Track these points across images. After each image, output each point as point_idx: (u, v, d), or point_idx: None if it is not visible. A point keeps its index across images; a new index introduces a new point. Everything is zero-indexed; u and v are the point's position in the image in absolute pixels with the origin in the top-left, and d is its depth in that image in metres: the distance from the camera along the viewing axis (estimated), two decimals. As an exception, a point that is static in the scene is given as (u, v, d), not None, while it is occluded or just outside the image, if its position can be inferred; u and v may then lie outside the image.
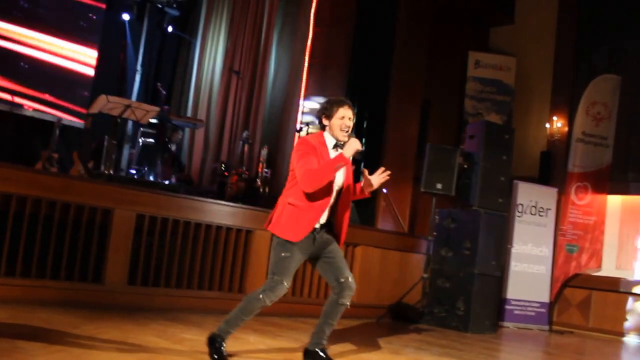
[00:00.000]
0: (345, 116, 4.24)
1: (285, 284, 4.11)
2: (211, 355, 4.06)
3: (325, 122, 4.29)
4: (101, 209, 5.86)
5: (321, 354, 4.30)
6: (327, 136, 4.31)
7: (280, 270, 4.12)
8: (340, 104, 4.27)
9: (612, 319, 9.37)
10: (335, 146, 4.28)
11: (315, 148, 4.19)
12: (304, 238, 4.13)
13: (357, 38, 11.17)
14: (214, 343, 4.08)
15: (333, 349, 4.45)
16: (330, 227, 4.33)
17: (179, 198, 6.45)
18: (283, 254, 4.13)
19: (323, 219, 4.24)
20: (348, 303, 4.28)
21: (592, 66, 10.44)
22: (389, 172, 4.33)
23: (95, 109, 7.93)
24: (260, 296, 4.07)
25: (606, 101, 9.82)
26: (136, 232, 6.09)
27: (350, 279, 4.25)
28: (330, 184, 4.17)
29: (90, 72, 10.65)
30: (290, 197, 4.20)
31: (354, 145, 4.11)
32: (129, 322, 5.13)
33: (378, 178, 4.30)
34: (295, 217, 4.14)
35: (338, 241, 4.35)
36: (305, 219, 4.15)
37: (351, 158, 4.25)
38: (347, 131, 4.26)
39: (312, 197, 4.14)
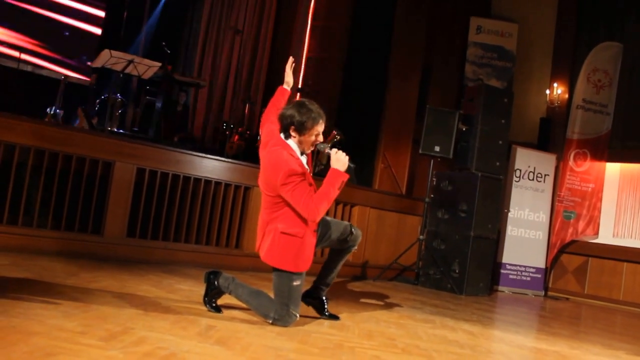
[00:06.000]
0: (319, 132, 3.95)
1: (298, 316, 3.94)
2: (206, 300, 4.07)
3: (293, 133, 3.93)
4: (102, 161, 5.92)
5: (322, 297, 4.41)
6: (294, 145, 3.96)
7: (295, 301, 3.89)
8: (316, 120, 3.91)
9: (608, 286, 9.44)
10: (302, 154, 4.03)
11: (304, 173, 3.85)
12: None
13: (359, 1, 11.12)
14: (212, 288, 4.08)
15: (329, 307, 4.52)
16: None
17: (179, 153, 6.50)
18: (295, 283, 3.89)
19: None
20: (357, 247, 4.34)
21: (594, 33, 10.30)
22: (292, 60, 4.45)
23: (98, 63, 7.98)
24: (270, 321, 3.86)
25: (607, 68, 9.76)
26: (136, 186, 6.14)
27: (354, 230, 4.23)
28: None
29: (97, 31, 10.73)
30: (280, 224, 3.88)
31: (345, 162, 3.88)
32: (126, 273, 5.22)
33: (289, 69, 4.42)
34: (297, 248, 3.87)
35: None
36: (308, 246, 3.92)
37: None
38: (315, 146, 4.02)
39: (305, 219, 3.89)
